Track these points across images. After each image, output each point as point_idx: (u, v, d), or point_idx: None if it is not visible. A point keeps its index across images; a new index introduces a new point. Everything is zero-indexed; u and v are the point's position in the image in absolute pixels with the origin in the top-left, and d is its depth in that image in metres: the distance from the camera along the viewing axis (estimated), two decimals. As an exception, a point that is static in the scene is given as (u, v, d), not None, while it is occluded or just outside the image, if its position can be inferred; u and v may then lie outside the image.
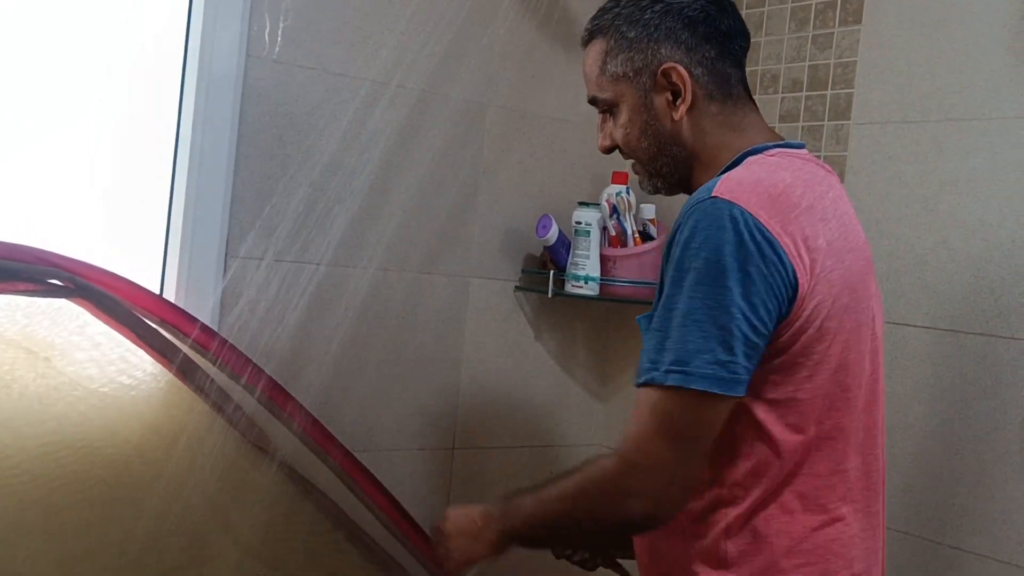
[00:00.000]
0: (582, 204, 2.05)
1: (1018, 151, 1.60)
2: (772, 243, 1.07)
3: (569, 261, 2.01)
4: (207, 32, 1.66)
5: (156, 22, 1.68)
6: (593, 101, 1.32)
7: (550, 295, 2.02)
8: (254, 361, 1.52)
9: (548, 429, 2.17)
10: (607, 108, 1.30)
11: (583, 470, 1.17)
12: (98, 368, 1.40)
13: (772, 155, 1.20)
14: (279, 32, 1.73)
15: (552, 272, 2.02)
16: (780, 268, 1.07)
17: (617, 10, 1.27)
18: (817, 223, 1.12)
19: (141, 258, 1.67)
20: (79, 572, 1.32)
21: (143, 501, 1.37)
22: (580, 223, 2.02)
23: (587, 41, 1.30)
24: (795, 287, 1.08)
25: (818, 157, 1.30)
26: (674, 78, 1.23)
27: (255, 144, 1.72)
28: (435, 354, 1.97)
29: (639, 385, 1.10)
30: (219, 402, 1.48)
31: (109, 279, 1.41)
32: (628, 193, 2.01)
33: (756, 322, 1.06)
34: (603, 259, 2.00)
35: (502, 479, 2.10)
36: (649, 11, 1.25)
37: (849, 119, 1.84)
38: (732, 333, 1.05)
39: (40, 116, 1.57)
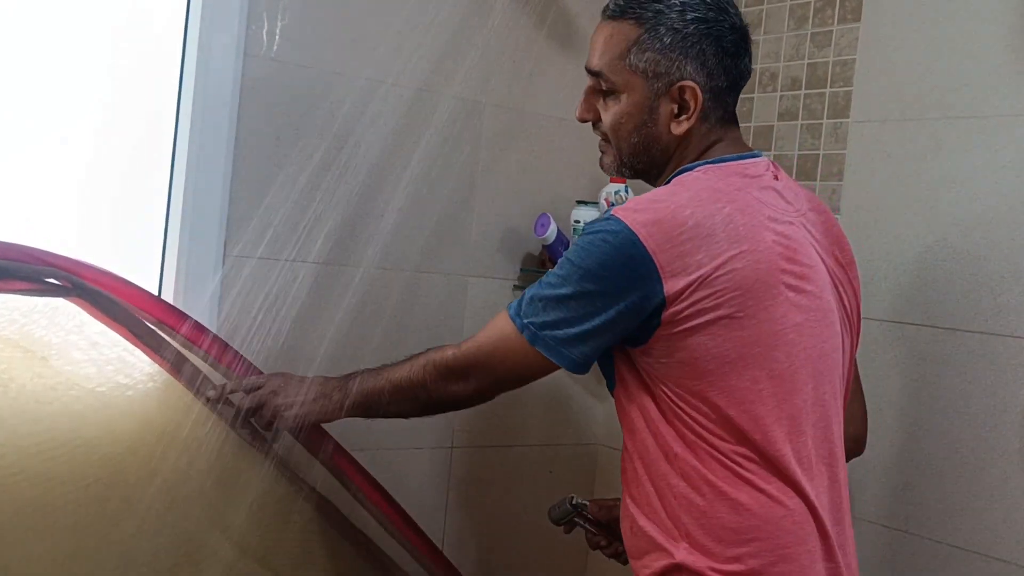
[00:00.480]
0: (580, 203, 2.05)
1: (1017, 149, 1.60)
2: (644, 258, 1.19)
3: (568, 260, 2.01)
4: (205, 31, 1.66)
5: (155, 21, 1.68)
6: (596, 73, 1.32)
7: (549, 294, 2.01)
8: (250, 360, 1.53)
9: (546, 428, 2.17)
10: (607, 88, 1.31)
11: (426, 352, 1.37)
12: (95, 367, 1.40)
13: (696, 172, 1.30)
14: (276, 31, 1.73)
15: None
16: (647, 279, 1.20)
17: (661, 7, 1.27)
18: (701, 240, 1.20)
19: (139, 257, 1.67)
20: (75, 571, 1.32)
21: (139, 500, 1.37)
22: (579, 222, 2.02)
23: (617, 16, 1.30)
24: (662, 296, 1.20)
25: (775, 160, 1.35)
26: (687, 96, 1.29)
27: (252, 143, 1.72)
28: (433, 353, 1.97)
29: (507, 311, 1.28)
30: (215, 400, 1.48)
31: (106, 279, 1.42)
32: (627, 192, 2.01)
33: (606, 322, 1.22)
34: (602, 258, 2.00)
35: (500, 478, 2.10)
36: (693, 26, 1.27)
37: (848, 117, 1.84)
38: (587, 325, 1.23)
39: (37, 115, 1.57)
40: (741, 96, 1.37)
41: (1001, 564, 1.58)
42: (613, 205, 2.00)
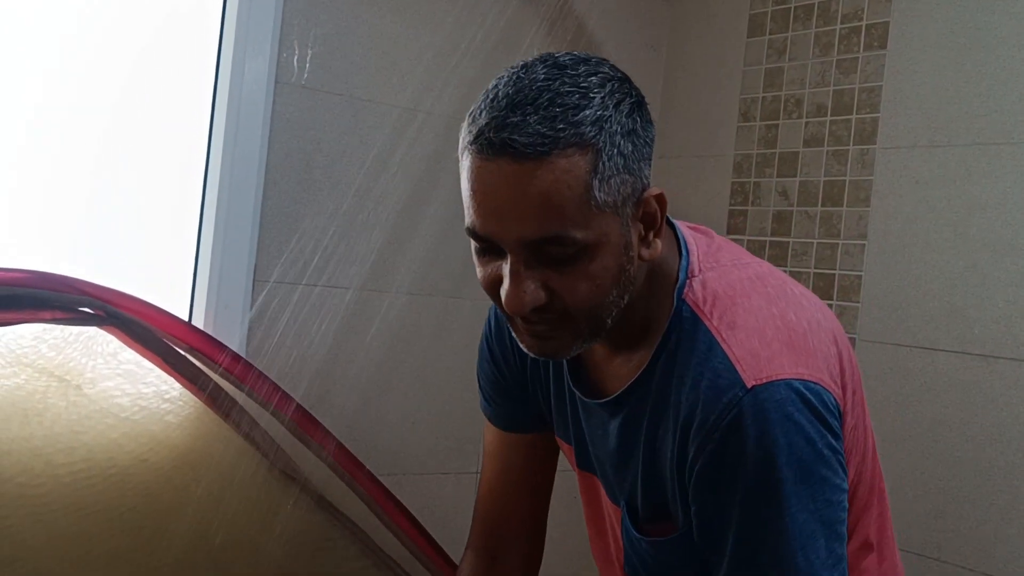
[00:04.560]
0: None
1: (1048, 176, 1.60)
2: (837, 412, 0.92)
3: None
4: (237, 58, 1.67)
5: (188, 47, 1.69)
6: (550, 240, 0.86)
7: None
8: (282, 388, 1.53)
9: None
10: (570, 254, 0.87)
11: None
12: (129, 396, 1.40)
13: (727, 266, 0.98)
14: (308, 59, 1.73)
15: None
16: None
17: (601, 112, 0.87)
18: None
19: (170, 285, 1.68)
20: (112, 602, 1.32)
21: (173, 529, 1.37)
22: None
23: (546, 150, 0.84)
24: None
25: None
26: (653, 206, 0.92)
27: (283, 170, 1.73)
28: (463, 378, 1.97)
29: None
30: (248, 429, 1.48)
31: (139, 306, 1.42)
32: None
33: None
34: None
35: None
36: (634, 112, 0.90)
37: (875, 143, 1.84)
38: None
39: (70, 142, 1.58)
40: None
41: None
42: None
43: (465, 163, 0.88)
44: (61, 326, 1.37)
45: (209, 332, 1.60)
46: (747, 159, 2.05)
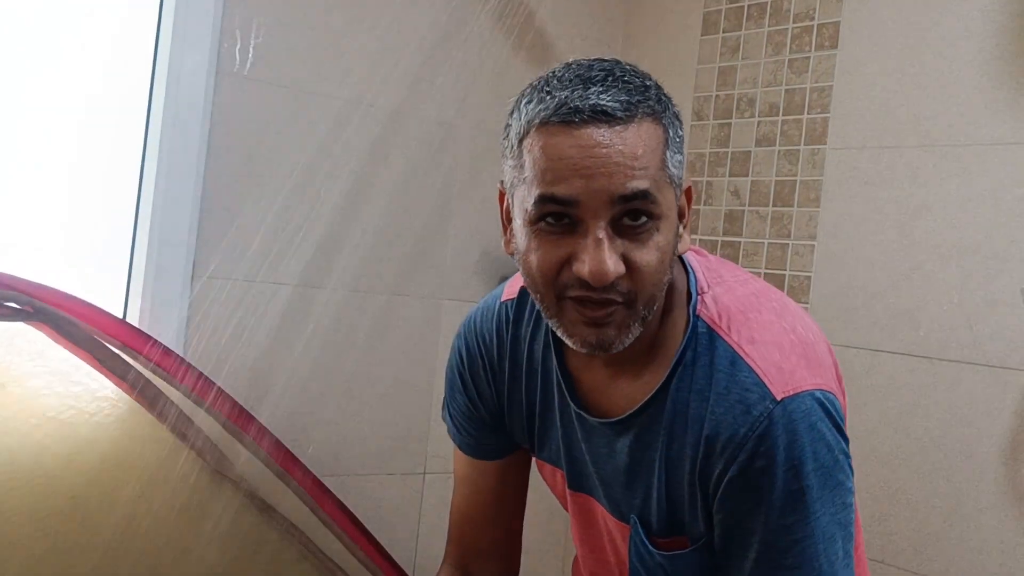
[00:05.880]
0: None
1: (992, 177, 1.60)
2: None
3: (543, 283, 1.98)
4: (176, 48, 1.62)
5: (126, 35, 1.64)
6: (640, 195, 0.88)
7: (524, 317, 1.98)
8: (218, 384, 1.49)
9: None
10: (645, 218, 0.90)
11: None
12: (56, 395, 1.36)
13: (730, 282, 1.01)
14: (250, 49, 1.70)
15: (526, 294, 1.99)
16: None
17: (659, 95, 0.93)
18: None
19: (104, 280, 1.63)
20: (31, 608, 1.28)
21: (101, 532, 1.33)
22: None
23: (631, 115, 0.89)
24: None
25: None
26: (685, 200, 0.97)
27: (224, 162, 1.69)
28: (406, 377, 1.94)
29: None
30: (182, 427, 1.44)
31: (69, 302, 1.38)
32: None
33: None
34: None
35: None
36: (676, 108, 0.96)
37: (825, 144, 1.83)
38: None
39: (2, 134, 1.53)
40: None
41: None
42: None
43: (535, 141, 0.90)
44: (-15, 322, 1.33)
45: (145, 329, 1.56)
46: (700, 158, 2.03)
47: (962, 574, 1.59)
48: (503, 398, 1.13)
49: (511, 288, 1.14)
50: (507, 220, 0.99)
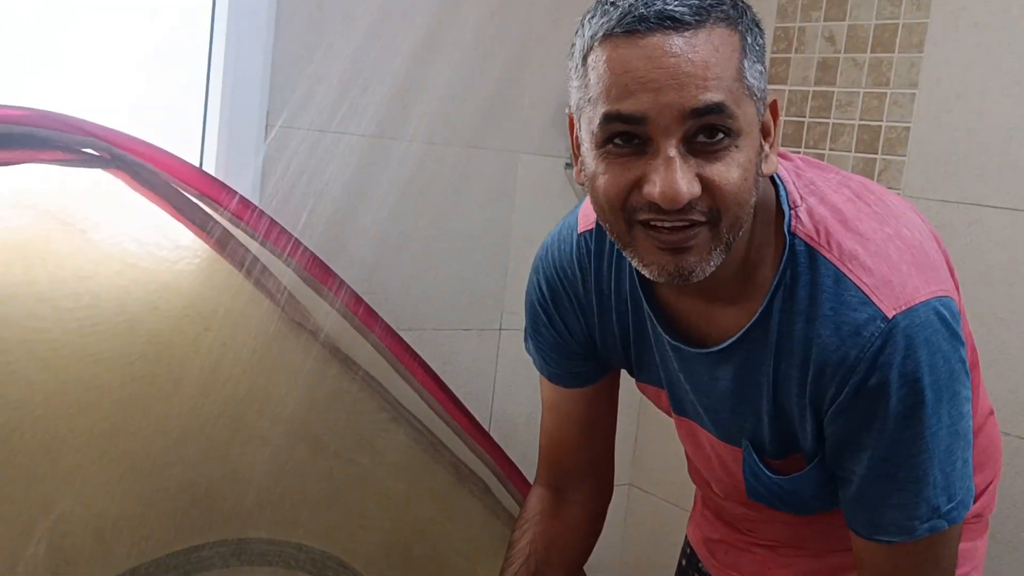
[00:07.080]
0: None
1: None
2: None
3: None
4: None
5: None
6: (714, 109, 0.81)
7: (603, 172, 1.92)
8: (295, 235, 1.48)
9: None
10: (723, 134, 0.83)
11: None
12: (136, 242, 1.36)
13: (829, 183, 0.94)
14: None
15: (605, 149, 1.92)
16: None
17: (736, 2, 0.86)
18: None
19: (179, 128, 1.61)
20: (120, 447, 1.31)
21: (186, 379, 1.35)
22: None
23: (703, 19, 0.81)
24: None
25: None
26: (770, 116, 0.88)
27: (294, 9, 1.63)
28: (483, 231, 1.91)
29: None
30: (259, 277, 1.44)
31: (146, 149, 1.36)
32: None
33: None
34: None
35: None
36: (755, 15, 0.88)
37: (933, -18, 1.69)
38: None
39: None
40: None
41: None
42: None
43: (600, 56, 0.84)
44: (64, 168, 1.32)
45: (220, 178, 1.54)
46: (792, 2, 1.91)
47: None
48: (594, 330, 1.09)
49: (586, 217, 1.06)
50: (577, 147, 0.92)
